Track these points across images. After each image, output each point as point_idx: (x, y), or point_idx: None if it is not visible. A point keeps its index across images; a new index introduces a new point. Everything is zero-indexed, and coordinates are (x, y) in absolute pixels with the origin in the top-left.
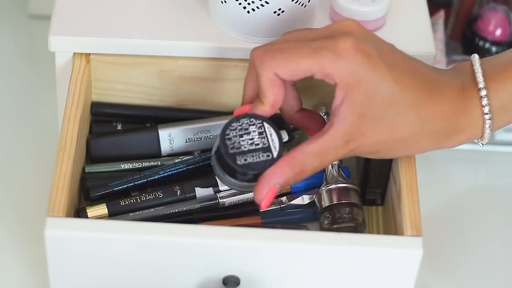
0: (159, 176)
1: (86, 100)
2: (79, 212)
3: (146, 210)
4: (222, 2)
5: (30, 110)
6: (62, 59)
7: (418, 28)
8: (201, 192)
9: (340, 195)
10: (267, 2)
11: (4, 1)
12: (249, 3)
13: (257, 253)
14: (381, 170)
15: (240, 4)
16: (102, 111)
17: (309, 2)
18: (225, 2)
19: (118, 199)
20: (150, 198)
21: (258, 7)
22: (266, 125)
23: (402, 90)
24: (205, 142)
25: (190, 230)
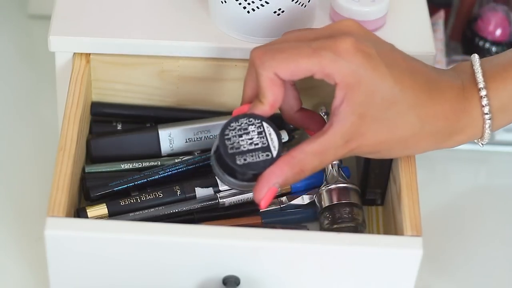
0: (159, 176)
1: (86, 100)
2: (79, 212)
3: (146, 210)
4: (222, 2)
5: (30, 110)
6: (62, 59)
7: (418, 28)
8: (201, 192)
9: (340, 195)
10: (267, 2)
11: (4, 1)
12: (249, 3)
13: (257, 253)
14: (381, 170)
15: (240, 4)
16: (102, 111)
17: (309, 2)
18: (225, 2)
19: (118, 199)
20: (150, 198)
21: (258, 7)
22: (265, 124)
23: (402, 90)
24: (205, 142)
25: (190, 230)
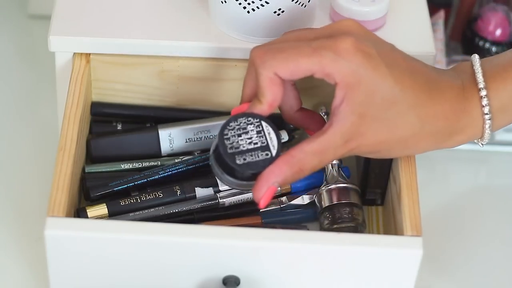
0: (159, 176)
1: (86, 100)
2: (79, 212)
3: (146, 210)
4: (222, 2)
5: (30, 110)
6: (62, 59)
7: (418, 28)
8: (201, 192)
9: (340, 195)
10: (267, 2)
11: (4, 1)
12: (249, 3)
13: (257, 253)
14: (381, 170)
15: (240, 4)
16: (102, 111)
17: (309, 2)
18: (225, 2)
19: (118, 199)
20: (150, 198)
21: (258, 7)
22: (264, 124)
23: (402, 90)
24: (205, 142)
25: (190, 230)
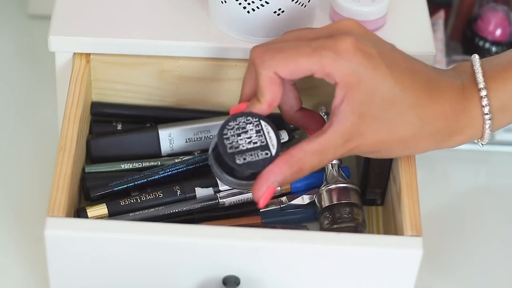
0: (159, 176)
1: (86, 100)
2: (79, 212)
3: (146, 210)
4: (222, 2)
5: (30, 110)
6: (62, 59)
7: (418, 28)
8: (201, 192)
9: (340, 195)
10: (267, 2)
11: (4, 1)
12: (249, 3)
13: (257, 253)
14: (381, 170)
15: (240, 4)
16: (102, 111)
17: (309, 2)
18: (225, 2)
19: (118, 199)
20: (150, 198)
21: (258, 7)
22: (263, 123)
23: (402, 90)
24: (205, 142)
25: (190, 230)
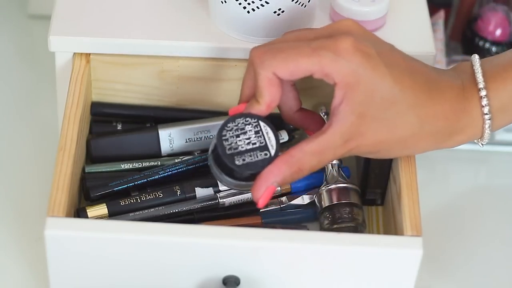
0: (159, 176)
1: (86, 100)
2: (79, 212)
3: (146, 210)
4: (222, 2)
5: (30, 110)
6: (62, 59)
7: (418, 28)
8: (201, 192)
9: (340, 195)
10: (267, 2)
11: (4, 1)
12: (249, 3)
13: (257, 253)
14: (381, 170)
15: (240, 4)
16: (102, 111)
17: (309, 2)
18: (225, 2)
19: (118, 199)
20: (150, 198)
21: (258, 7)
22: (262, 123)
23: (402, 90)
24: (205, 142)
25: (190, 230)
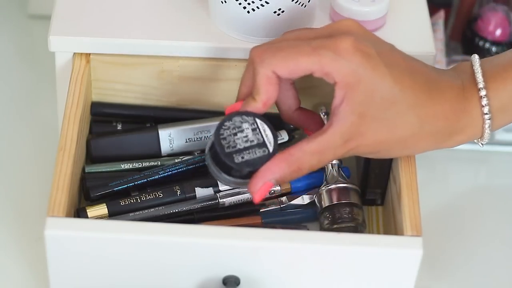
0: (159, 176)
1: (86, 100)
2: (79, 212)
3: (146, 210)
4: (222, 2)
5: (30, 110)
6: (62, 59)
7: (418, 28)
8: (201, 192)
9: (340, 195)
10: (267, 2)
11: (4, 1)
12: (249, 3)
13: (257, 253)
14: (381, 170)
15: (240, 4)
16: (102, 111)
17: (309, 2)
18: (225, 2)
19: (118, 199)
20: (150, 198)
21: (258, 7)
22: (259, 121)
23: (402, 90)
24: (205, 142)
25: (190, 230)
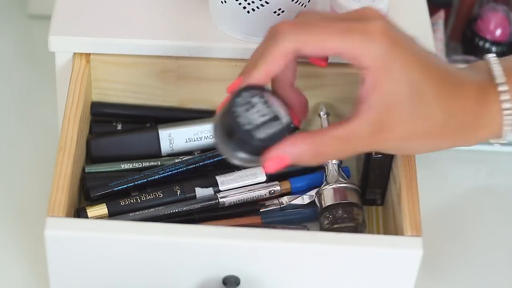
0: (159, 176)
1: (86, 100)
2: (79, 212)
3: (146, 210)
4: (222, 2)
5: (30, 110)
6: (62, 59)
7: (418, 28)
8: (201, 192)
9: (340, 195)
10: (267, 2)
11: (4, 1)
12: (249, 3)
13: (257, 253)
14: (381, 170)
15: (240, 4)
16: (102, 111)
17: (309, 2)
18: (225, 2)
19: (118, 199)
20: (150, 198)
21: (258, 7)
22: (266, 93)
23: (428, 81)
24: (205, 142)
25: (190, 230)
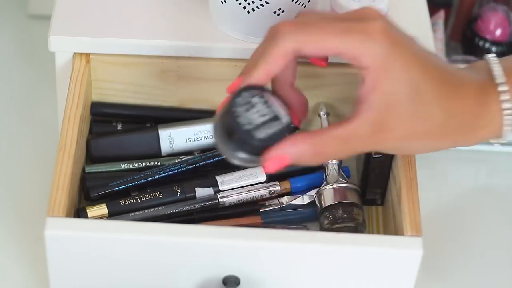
0: (159, 176)
1: (86, 100)
2: (79, 212)
3: (146, 210)
4: (222, 2)
5: (30, 110)
6: (62, 59)
7: (418, 28)
8: (201, 192)
9: (340, 195)
10: (267, 2)
11: (4, 1)
12: (249, 3)
13: (257, 253)
14: (381, 170)
15: (240, 4)
16: (102, 111)
17: (309, 2)
18: (225, 2)
19: (118, 199)
20: (150, 198)
21: (258, 7)
22: (265, 93)
23: (428, 81)
24: (205, 142)
25: (190, 230)
